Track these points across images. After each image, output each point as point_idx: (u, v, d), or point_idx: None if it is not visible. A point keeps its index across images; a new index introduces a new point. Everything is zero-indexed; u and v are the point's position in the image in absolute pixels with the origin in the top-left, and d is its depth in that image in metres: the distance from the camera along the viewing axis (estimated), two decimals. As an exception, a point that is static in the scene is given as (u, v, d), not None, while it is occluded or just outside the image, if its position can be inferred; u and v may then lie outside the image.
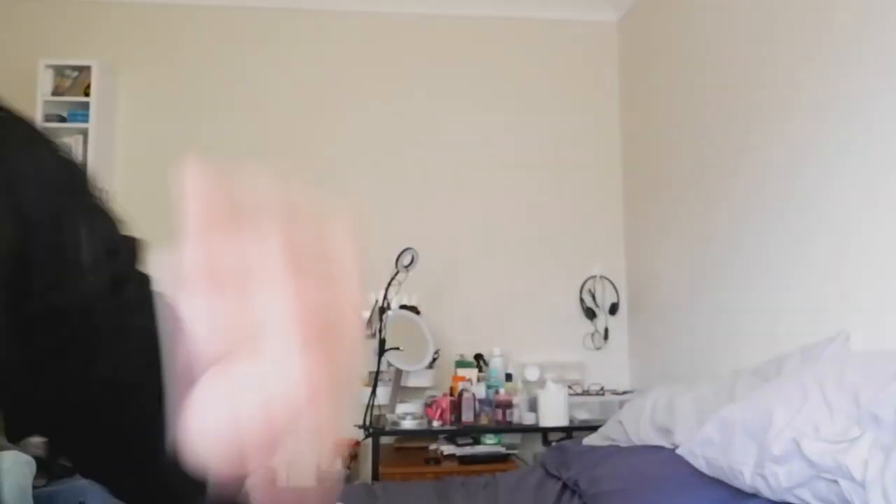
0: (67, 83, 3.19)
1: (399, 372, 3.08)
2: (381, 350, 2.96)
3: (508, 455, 2.90)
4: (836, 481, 1.24)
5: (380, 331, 3.00)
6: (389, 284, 3.08)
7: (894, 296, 1.72)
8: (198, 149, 3.43)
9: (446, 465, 2.80)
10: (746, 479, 1.41)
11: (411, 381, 3.12)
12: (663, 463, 1.81)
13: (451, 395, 3.05)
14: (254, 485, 0.30)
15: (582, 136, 3.63)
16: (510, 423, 2.95)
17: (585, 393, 3.24)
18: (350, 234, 0.35)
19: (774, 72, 2.24)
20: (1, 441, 1.61)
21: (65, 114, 3.21)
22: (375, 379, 2.98)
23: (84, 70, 3.19)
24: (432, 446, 2.98)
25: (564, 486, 2.09)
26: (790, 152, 2.15)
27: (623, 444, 2.20)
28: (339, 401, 0.29)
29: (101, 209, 0.49)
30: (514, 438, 3.23)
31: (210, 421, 0.28)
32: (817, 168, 2.02)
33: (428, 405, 3.01)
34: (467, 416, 2.91)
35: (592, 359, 3.50)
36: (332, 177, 3.47)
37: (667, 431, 2.04)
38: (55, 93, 3.16)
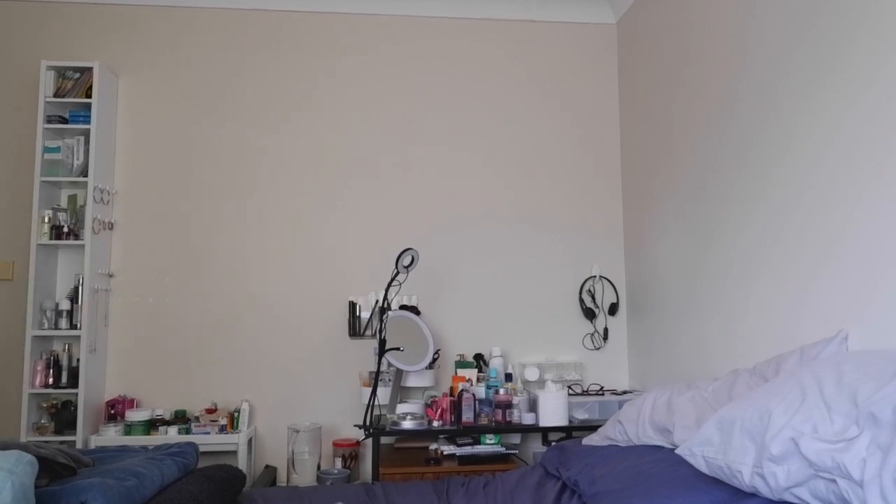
0: (69, 85, 3.20)
1: (399, 372, 3.08)
2: (382, 350, 2.97)
3: (508, 455, 2.90)
4: (834, 480, 1.24)
5: (380, 331, 3.00)
6: (390, 284, 3.09)
7: (892, 295, 1.72)
8: (198, 150, 3.44)
9: (446, 465, 2.80)
10: (745, 478, 1.42)
11: (411, 381, 3.13)
12: (662, 463, 1.82)
13: (451, 395, 3.05)
14: None
15: (581, 137, 3.64)
16: (510, 423, 2.96)
17: (585, 393, 3.25)
18: None
19: (774, 72, 2.25)
20: (3, 441, 1.65)
21: (66, 115, 3.22)
22: (376, 379, 2.99)
23: (86, 72, 3.21)
24: (432, 446, 2.99)
25: (564, 485, 2.10)
26: (790, 152, 2.16)
27: (622, 444, 2.20)
28: None
29: None
30: (514, 438, 3.24)
31: None
32: (816, 168, 2.03)
33: (428, 405, 3.01)
34: (467, 416, 2.92)
35: (592, 359, 3.51)
36: (333, 177, 3.48)
37: (666, 431, 2.04)
38: (57, 94, 3.18)
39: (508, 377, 3.25)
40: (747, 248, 2.39)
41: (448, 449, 2.89)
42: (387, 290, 3.12)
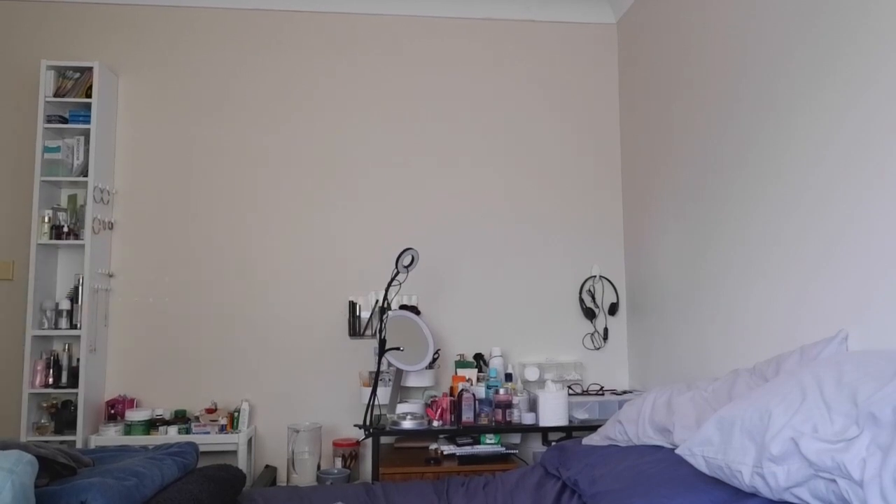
0: (69, 84, 3.20)
1: (399, 372, 3.08)
2: (382, 350, 2.97)
3: (508, 455, 2.90)
4: (834, 480, 1.24)
5: (380, 331, 3.01)
6: (389, 284, 3.09)
7: (892, 295, 1.72)
8: (198, 150, 3.44)
9: (446, 465, 2.80)
10: (745, 478, 1.41)
11: (411, 381, 3.13)
12: (662, 463, 1.82)
13: (451, 395, 3.05)
14: None
15: (582, 137, 3.64)
16: (510, 423, 2.96)
17: (585, 393, 3.25)
18: None
19: (774, 72, 2.25)
20: (3, 441, 1.65)
21: (66, 115, 3.22)
22: (375, 379, 2.99)
23: (86, 71, 3.21)
24: (432, 446, 2.99)
25: (564, 485, 2.10)
26: (790, 152, 2.16)
27: (622, 444, 2.20)
28: None
29: None
30: (514, 438, 3.24)
31: None
32: (816, 168, 2.03)
33: (428, 405, 3.01)
34: (467, 416, 2.92)
35: (592, 359, 3.52)
36: (333, 178, 3.48)
37: (666, 431, 2.04)
38: (57, 94, 3.18)
39: (508, 377, 3.25)
40: (747, 248, 2.39)
41: (448, 449, 2.89)
42: (387, 290, 3.11)
